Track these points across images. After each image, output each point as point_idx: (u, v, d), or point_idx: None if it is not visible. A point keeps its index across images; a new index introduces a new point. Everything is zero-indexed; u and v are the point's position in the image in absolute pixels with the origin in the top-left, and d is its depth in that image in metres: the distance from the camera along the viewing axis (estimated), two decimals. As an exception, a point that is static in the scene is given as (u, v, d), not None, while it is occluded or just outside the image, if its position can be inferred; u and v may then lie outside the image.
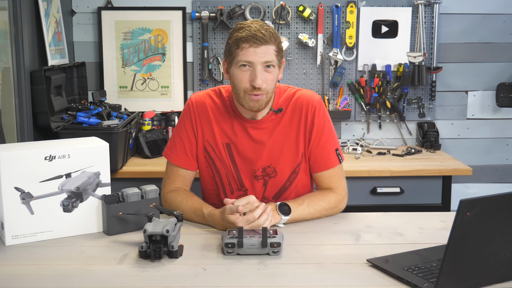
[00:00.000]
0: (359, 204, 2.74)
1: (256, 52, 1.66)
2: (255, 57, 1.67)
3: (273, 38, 1.69)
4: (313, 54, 3.18)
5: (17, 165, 1.54)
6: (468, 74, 3.25)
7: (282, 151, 1.82)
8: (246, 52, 1.67)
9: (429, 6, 3.15)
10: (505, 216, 1.24)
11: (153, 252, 1.43)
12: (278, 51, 1.71)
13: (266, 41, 1.66)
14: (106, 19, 3.16)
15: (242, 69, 1.69)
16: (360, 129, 3.27)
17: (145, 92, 3.22)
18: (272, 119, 1.82)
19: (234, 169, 1.83)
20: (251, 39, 1.65)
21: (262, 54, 1.67)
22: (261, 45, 1.66)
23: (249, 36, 1.66)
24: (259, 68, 1.67)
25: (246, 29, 1.67)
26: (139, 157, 2.92)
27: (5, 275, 1.37)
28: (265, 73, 1.69)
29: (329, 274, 1.37)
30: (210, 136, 1.83)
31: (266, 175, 1.83)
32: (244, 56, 1.68)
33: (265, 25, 1.70)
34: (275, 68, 1.71)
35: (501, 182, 3.33)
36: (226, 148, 1.82)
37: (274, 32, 1.71)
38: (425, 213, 1.83)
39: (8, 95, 2.48)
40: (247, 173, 1.83)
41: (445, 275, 1.19)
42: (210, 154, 1.84)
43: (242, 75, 1.70)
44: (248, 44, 1.66)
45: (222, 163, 1.84)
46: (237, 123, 1.82)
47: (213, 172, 1.86)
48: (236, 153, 1.83)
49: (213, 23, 3.14)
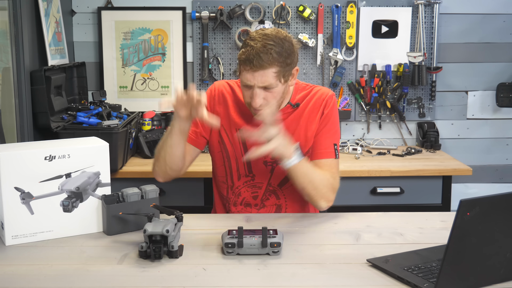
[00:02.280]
0: (359, 204, 2.74)
1: (254, 76, 1.70)
2: (254, 80, 1.71)
3: (274, 61, 1.68)
4: (313, 54, 3.18)
5: (17, 165, 1.54)
6: (468, 74, 3.25)
7: (292, 139, 1.83)
8: (245, 75, 1.72)
9: (429, 6, 3.15)
10: (505, 216, 1.24)
11: (153, 252, 1.43)
12: (281, 69, 1.71)
13: (263, 66, 1.68)
14: (106, 19, 3.16)
15: (244, 88, 1.76)
16: (360, 129, 3.27)
17: (145, 92, 3.22)
18: (289, 112, 1.88)
19: (245, 154, 1.85)
20: (249, 64, 1.68)
21: (260, 78, 1.70)
22: (259, 70, 1.69)
23: (247, 60, 1.68)
24: (257, 90, 1.72)
25: (248, 49, 1.69)
26: (139, 157, 2.92)
27: (5, 275, 1.37)
28: (265, 93, 1.73)
29: (329, 274, 1.37)
30: (226, 121, 1.89)
31: (275, 161, 1.87)
32: (244, 78, 1.73)
33: (269, 45, 1.68)
34: (278, 86, 1.73)
35: (501, 182, 3.33)
36: (239, 134, 1.87)
37: (276, 52, 1.69)
38: (425, 213, 1.83)
39: (8, 95, 2.48)
40: (257, 159, 1.83)
41: (445, 275, 1.19)
42: (223, 139, 1.90)
43: (245, 92, 1.78)
44: (248, 66, 1.70)
45: (234, 148, 1.89)
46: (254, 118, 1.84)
47: (223, 157, 1.91)
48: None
49: (213, 23, 3.14)
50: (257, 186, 1.91)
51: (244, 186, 1.92)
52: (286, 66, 1.73)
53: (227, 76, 3.19)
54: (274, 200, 1.92)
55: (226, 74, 3.19)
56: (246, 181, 1.91)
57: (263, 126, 1.66)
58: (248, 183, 1.91)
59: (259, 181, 1.90)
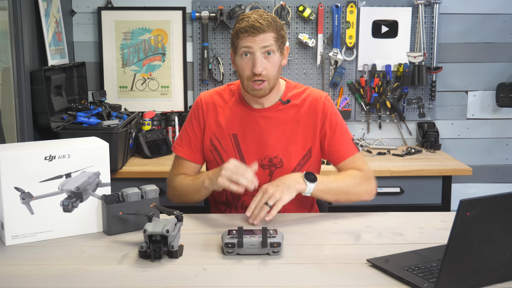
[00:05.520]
0: (359, 204, 2.73)
1: (255, 40, 1.76)
2: (254, 43, 1.76)
3: (271, 26, 1.77)
4: (313, 54, 3.19)
5: (17, 165, 1.54)
6: (468, 74, 3.25)
7: (289, 143, 1.88)
8: (245, 42, 1.77)
9: (429, 6, 3.15)
10: (505, 216, 1.24)
11: (153, 252, 1.43)
12: (278, 37, 1.79)
13: (263, 30, 1.75)
14: (106, 19, 3.16)
15: (243, 57, 1.79)
16: (360, 129, 3.27)
17: (145, 92, 3.22)
18: (280, 109, 1.89)
19: (239, 158, 1.88)
20: (249, 29, 1.75)
21: (260, 41, 1.76)
22: (259, 34, 1.75)
23: (247, 26, 1.75)
24: (258, 55, 1.77)
25: (245, 20, 1.77)
26: (139, 157, 2.92)
27: (5, 275, 1.37)
28: (265, 61, 1.78)
29: (329, 274, 1.37)
30: (217, 129, 1.91)
31: (273, 165, 1.88)
32: (244, 46, 1.77)
33: (264, 14, 1.79)
34: (275, 54, 1.79)
35: (501, 182, 3.33)
36: (232, 138, 1.89)
37: (273, 20, 1.79)
38: (425, 213, 1.83)
39: (8, 95, 2.48)
40: (252, 161, 1.84)
41: (445, 275, 1.19)
42: (216, 147, 1.91)
43: (244, 64, 1.80)
44: (247, 33, 1.76)
45: (228, 153, 1.89)
46: (245, 114, 1.89)
47: (218, 164, 1.90)
48: (242, 142, 1.89)
49: (213, 23, 3.14)
50: (256, 190, 1.86)
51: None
52: (280, 37, 1.80)
53: (227, 76, 3.19)
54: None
55: (226, 74, 3.19)
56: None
57: (254, 198, 1.69)
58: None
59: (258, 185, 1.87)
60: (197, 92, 3.21)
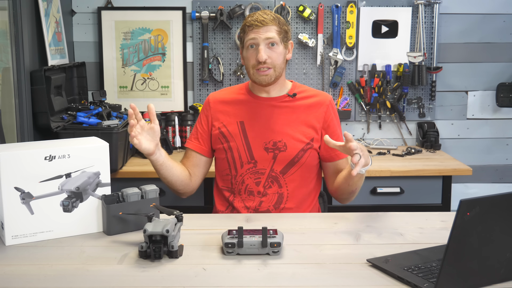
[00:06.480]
0: (359, 204, 2.73)
1: (259, 32, 1.93)
2: (258, 35, 1.93)
3: (274, 21, 1.94)
4: (313, 54, 3.19)
5: (17, 165, 1.54)
6: (468, 74, 3.25)
7: (294, 130, 1.98)
8: (251, 35, 1.94)
9: (429, 6, 3.15)
10: (505, 216, 1.24)
11: (153, 252, 1.43)
12: (280, 31, 1.95)
13: (266, 23, 1.93)
14: (106, 19, 3.16)
15: (249, 49, 1.96)
16: (360, 129, 3.27)
17: (145, 92, 3.22)
18: (286, 101, 2.02)
19: (245, 142, 1.99)
20: (254, 23, 1.93)
21: (264, 33, 1.92)
22: (262, 27, 1.93)
23: (252, 21, 1.94)
24: (262, 45, 1.93)
25: (250, 16, 1.97)
26: (139, 157, 2.92)
27: (5, 275, 1.37)
28: (269, 50, 1.93)
29: (329, 274, 1.37)
30: (224, 118, 2.04)
31: (277, 148, 1.97)
32: (250, 38, 1.94)
33: (268, 12, 1.98)
34: (279, 45, 1.95)
35: (501, 182, 3.33)
36: (239, 125, 2.01)
37: (276, 17, 1.97)
38: (425, 213, 1.83)
39: (8, 95, 2.48)
40: (257, 145, 1.98)
41: (445, 275, 1.19)
42: (224, 134, 2.02)
43: (249, 55, 1.96)
44: (252, 27, 1.94)
45: (235, 138, 2.00)
46: (252, 103, 2.02)
47: (225, 149, 2.01)
48: (249, 127, 2.00)
49: (213, 23, 3.14)
50: (260, 172, 1.98)
51: (247, 173, 1.98)
52: (283, 31, 1.96)
53: (227, 76, 3.19)
54: (276, 189, 1.96)
55: (226, 74, 3.19)
56: (249, 168, 1.98)
57: (349, 143, 1.72)
58: (250, 170, 1.98)
59: (262, 167, 1.97)
60: (197, 92, 3.21)
